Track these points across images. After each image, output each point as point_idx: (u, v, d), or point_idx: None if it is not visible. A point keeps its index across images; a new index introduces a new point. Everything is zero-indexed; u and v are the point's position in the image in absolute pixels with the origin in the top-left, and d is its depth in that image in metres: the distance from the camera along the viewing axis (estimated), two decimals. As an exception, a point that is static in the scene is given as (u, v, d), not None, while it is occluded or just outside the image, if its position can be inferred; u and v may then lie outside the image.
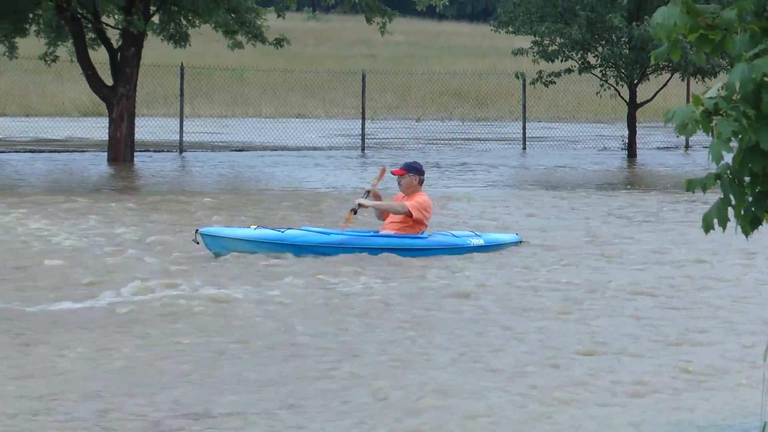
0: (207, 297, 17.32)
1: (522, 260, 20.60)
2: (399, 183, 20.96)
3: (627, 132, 44.98)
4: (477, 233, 21.49)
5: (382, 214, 20.98)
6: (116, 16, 37.06)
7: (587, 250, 22.21)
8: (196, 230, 20.47)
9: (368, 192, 21.09)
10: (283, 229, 21.04)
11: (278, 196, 29.68)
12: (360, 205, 20.81)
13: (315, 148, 45.51)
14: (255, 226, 21.24)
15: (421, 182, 20.94)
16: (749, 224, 7.95)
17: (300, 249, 20.26)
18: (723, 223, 7.91)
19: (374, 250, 20.31)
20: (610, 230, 24.81)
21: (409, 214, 20.48)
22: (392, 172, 21.27)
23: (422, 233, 20.69)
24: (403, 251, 20.40)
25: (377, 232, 20.91)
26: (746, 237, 8.11)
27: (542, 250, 21.58)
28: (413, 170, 20.96)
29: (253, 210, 26.72)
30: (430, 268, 19.64)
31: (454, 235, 21.23)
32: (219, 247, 20.19)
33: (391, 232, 20.72)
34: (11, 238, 22.33)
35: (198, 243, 20.29)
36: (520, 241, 21.65)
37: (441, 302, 17.31)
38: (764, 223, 7.98)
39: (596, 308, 17.06)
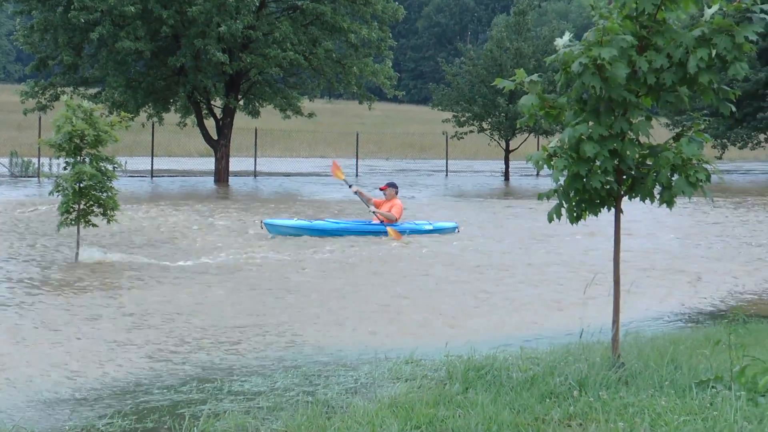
0: (272, 258, 17.23)
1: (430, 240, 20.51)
2: (384, 193, 21.33)
3: (504, 166, 44.99)
4: (429, 222, 21.74)
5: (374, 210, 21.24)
6: (222, 99, 37.13)
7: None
8: (261, 221, 20.60)
9: (356, 192, 21.65)
10: (312, 220, 21.18)
11: (306, 202, 29.49)
12: (358, 192, 21.52)
13: (331, 174, 45.35)
14: (296, 219, 21.42)
15: (396, 192, 21.47)
16: (575, 218, 8.08)
17: (323, 232, 20.21)
18: (558, 217, 8.04)
19: (371, 233, 20.44)
20: (482, 219, 24.80)
21: (394, 219, 20.89)
22: (380, 188, 21.73)
23: (396, 223, 20.84)
24: (386, 233, 20.43)
25: (371, 222, 21.05)
26: (572, 224, 8.15)
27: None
28: (393, 185, 21.52)
29: (295, 207, 26.59)
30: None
31: (415, 223, 21.41)
32: (275, 231, 20.20)
33: (377, 222, 20.94)
34: (157, 224, 22.20)
35: (262, 229, 20.27)
36: (457, 228, 21.60)
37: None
38: (583, 219, 8.04)
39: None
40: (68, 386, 8.67)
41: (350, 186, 22.06)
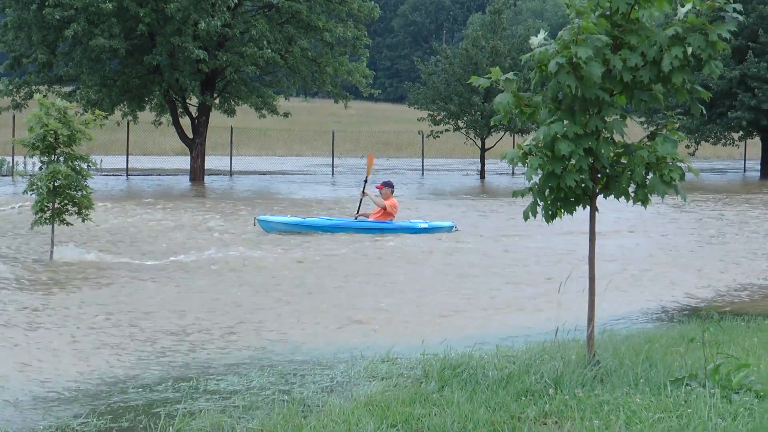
0: (254, 256, 17.18)
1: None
2: (380, 192, 21.33)
3: (480, 165, 44.96)
4: (424, 221, 21.78)
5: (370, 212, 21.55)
6: (197, 97, 36.97)
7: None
8: (255, 218, 20.73)
9: (363, 194, 21.68)
10: (305, 217, 21.33)
11: (281, 199, 29.44)
12: (365, 193, 21.57)
13: (306, 173, 45.43)
14: (289, 215, 21.67)
15: (392, 192, 21.46)
16: (550, 217, 8.09)
17: (316, 229, 20.36)
18: (534, 215, 8.02)
19: (366, 230, 20.54)
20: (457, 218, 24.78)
21: (383, 207, 21.01)
22: (376, 187, 21.73)
23: (390, 221, 20.92)
24: (380, 230, 20.58)
25: (366, 219, 21.16)
26: (548, 223, 8.16)
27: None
28: (388, 185, 21.49)
29: (267, 205, 26.49)
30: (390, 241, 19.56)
31: (410, 222, 21.56)
32: (268, 227, 20.32)
33: (373, 220, 21.06)
34: (133, 223, 22.08)
35: (255, 225, 20.34)
36: (454, 227, 21.52)
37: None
38: (559, 217, 8.04)
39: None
40: (42, 386, 8.60)
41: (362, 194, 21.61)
